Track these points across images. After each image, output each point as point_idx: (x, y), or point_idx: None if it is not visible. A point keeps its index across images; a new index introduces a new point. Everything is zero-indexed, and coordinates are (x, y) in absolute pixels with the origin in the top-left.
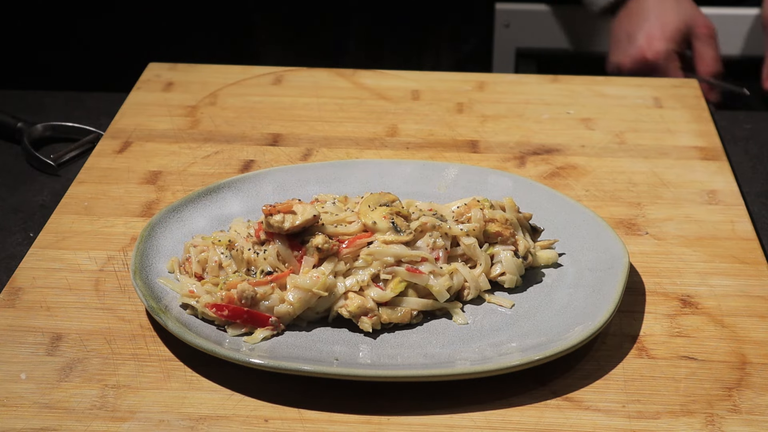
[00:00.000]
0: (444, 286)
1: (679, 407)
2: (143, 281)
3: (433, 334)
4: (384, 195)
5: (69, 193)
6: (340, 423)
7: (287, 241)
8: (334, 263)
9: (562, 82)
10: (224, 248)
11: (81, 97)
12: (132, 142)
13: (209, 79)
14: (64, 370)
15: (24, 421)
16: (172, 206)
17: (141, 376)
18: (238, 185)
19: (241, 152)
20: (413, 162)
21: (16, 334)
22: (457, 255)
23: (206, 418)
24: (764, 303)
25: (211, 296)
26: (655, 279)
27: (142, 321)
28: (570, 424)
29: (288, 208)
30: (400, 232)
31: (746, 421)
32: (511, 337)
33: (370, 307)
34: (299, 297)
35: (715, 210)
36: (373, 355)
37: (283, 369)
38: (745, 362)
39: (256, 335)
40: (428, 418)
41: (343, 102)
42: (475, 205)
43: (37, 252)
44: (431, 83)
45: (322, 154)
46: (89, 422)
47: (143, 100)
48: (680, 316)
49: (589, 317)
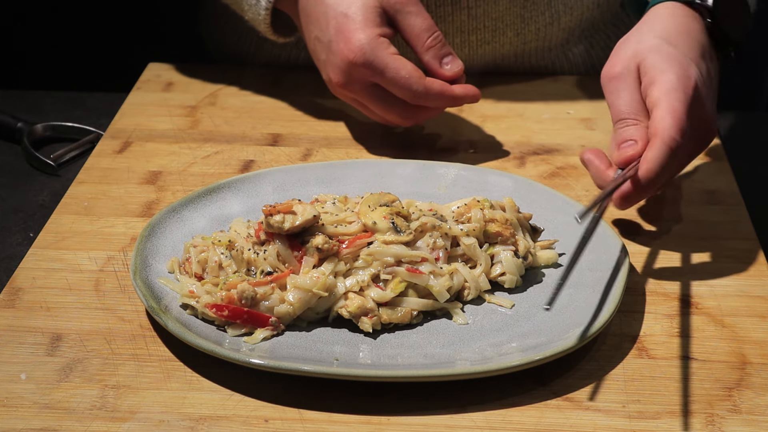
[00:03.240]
0: (444, 286)
1: (679, 407)
2: (143, 281)
3: (433, 334)
4: (384, 195)
5: (69, 193)
6: (340, 423)
7: (287, 242)
8: (334, 263)
9: (562, 82)
10: (224, 248)
11: (81, 97)
12: (132, 142)
13: (209, 79)
14: (64, 371)
15: (24, 422)
16: (172, 206)
17: (141, 377)
18: (238, 185)
19: (241, 152)
20: (413, 162)
21: (16, 334)
22: (457, 255)
23: (206, 418)
24: (764, 303)
25: (211, 296)
26: (655, 279)
27: (142, 321)
28: (570, 424)
29: (288, 208)
30: (400, 233)
31: (746, 421)
32: (511, 337)
33: (370, 307)
34: (299, 297)
35: (715, 210)
36: (373, 355)
37: (283, 369)
38: (745, 362)
39: (256, 335)
40: (428, 418)
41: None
42: (475, 205)
43: (37, 252)
44: None
45: (322, 154)
46: (89, 422)
47: (143, 100)
48: (680, 316)
49: (589, 317)
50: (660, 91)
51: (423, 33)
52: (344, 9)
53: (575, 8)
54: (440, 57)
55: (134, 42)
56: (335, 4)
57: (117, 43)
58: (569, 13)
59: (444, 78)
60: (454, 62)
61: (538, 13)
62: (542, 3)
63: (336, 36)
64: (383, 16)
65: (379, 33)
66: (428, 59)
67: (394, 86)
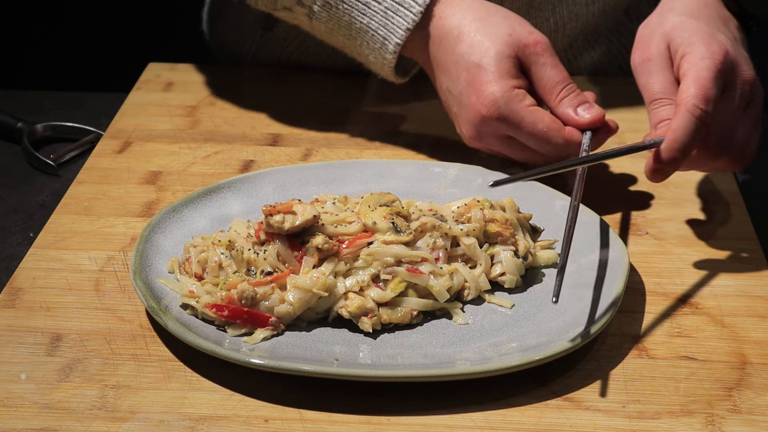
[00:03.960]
0: (444, 286)
1: (679, 407)
2: (143, 281)
3: (433, 334)
4: (384, 195)
5: (69, 193)
6: (340, 423)
7: (287, 242)
8: (334, 263)
9: None
10: (224, 248)
11: (81, 97)
12: (132, 142)
13: (209, 79)
14: (64, 371)
15: (24, 422)
16: (172, 206)
17: (141, 377)
18: (238, 185)
19: (241, 152)
20: (413, 162)
21: (16, 334)
22: (457, 255)
23: (206, 418)
24: (764, 303)
25: (211, 296)
26: (655, 279)
27: (142, 321)
28: (570, 424)
29: (288, 208)
30: (400, 233)
31: (746, 421)
32: (511, 337)
33: (370, 307)
34: (299, 297)
35: (715, 210)
36: (373, 355)
37: (283, 369)
38: (745, 362)
39: (256, 335)
40: (428, 418)
41: (342, 102)
42: (475, 205)
43: (37, 252)
44: (432, 83)
45: (322, 154)
46: (89, 422)
47: (143, 100)
48: (680, 316)
49: (589, 317)
50: (689, 62)
51: (557, 85)
52: (477, 59)
53: (580, 16)
54: (575, 106)
55: (134, 42)
56: (467, 53)
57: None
58: (574, 20)
59: (581, 126)
60: (591, 109)
61: (543, 20)
62: (547, 10)
63: (467, 88)
64: (518, 66)
65: (513, 85)
66: (562, 111)
67: (531, 140)
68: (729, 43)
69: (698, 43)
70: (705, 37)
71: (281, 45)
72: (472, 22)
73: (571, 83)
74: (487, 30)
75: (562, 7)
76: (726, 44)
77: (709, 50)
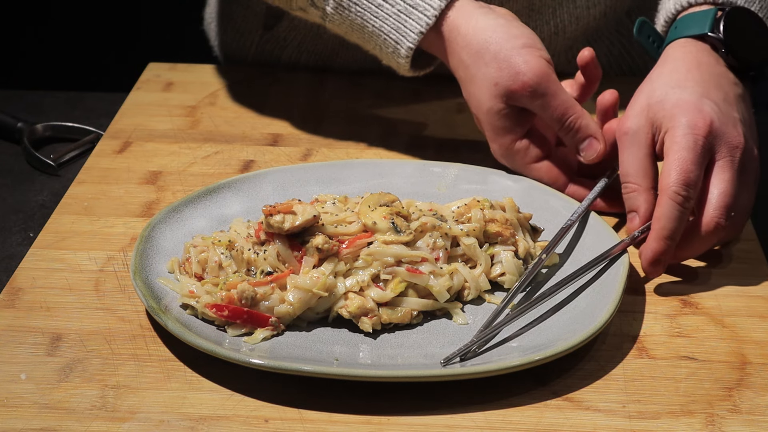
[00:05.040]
0: (444, 286)
1: (679, 407)
2: (143, 281)
3: (433, 334)
4: (384, 195)
5: (69, 193)
6: (340, 423)
7: (287, 242)
8: (334, 263)
9: (564, 84)
10: (224, 248)
11: (81, 97)
12: (132, 142)
13: (209, 79)
14: (64, 371)
15: (24, 422)
16: (172, 206)
17: (141, 377)
18: (238, 185)
19: (241, 152)
20: (413, 162)
21: (16, 334)
22: (457, 255)
23: (206, 418)
24: (764, 303)
25: (211, 296)
26: (655, 279)
27: (142, 321)
28: (570, 424)
29: (288, 208)
30: (400, 233)
31: (746, 421)
32: (511, 338)
33: (370, 307)
34: (299, 297)
35: None
36: (373, 355)
37: (283, 369)
38: (745, 362)
39: (256, 335)
40: (428, 418)
41: (342, 102)
42: (475, 205)
43: (37, 252)
44: (431, 83)
45: (322, 154)
46: (89, 422)
47: (143, 100)
48: (680, 316)
49: (589, 317)
50: (671, 139)
51: (555, 124)
52: (474, 110)
53: (581, 18)
54: (576, 145)
55: (134, 42)
56: (466, 98)
57: (117, 43)
58: (575, 23)
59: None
60: (590, 148)
61: (543, 22)
62: (547, 13)
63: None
64: (513, 115)
65: (511, 139)
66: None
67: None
68: (714, 111)
69: (679, 116)
70: (688, 110)
71: (281, 45)
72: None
73: (569, 117)
74: (478, 78)
75: (563, 10)
76: (711, 113)
77: (691, 124)
